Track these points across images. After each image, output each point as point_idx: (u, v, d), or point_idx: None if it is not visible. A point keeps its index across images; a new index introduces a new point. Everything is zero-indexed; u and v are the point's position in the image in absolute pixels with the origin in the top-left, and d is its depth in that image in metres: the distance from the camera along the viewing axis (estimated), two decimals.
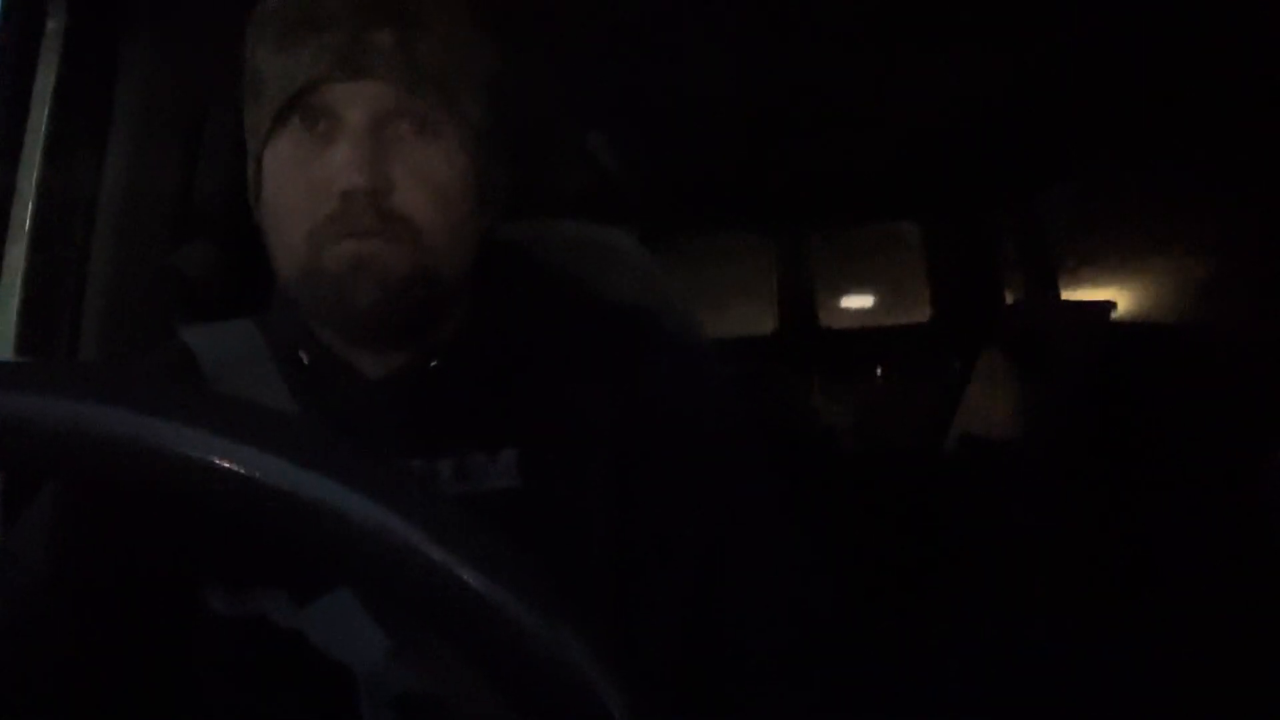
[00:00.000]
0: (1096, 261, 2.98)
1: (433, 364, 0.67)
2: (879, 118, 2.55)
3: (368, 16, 0.60)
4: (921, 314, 3.81)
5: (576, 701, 0.28)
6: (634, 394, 0.67)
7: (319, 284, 0.61)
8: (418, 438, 0.65)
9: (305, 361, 0.68)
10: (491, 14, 0.68)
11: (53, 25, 0.94)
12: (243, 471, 0.27)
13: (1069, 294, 3.10)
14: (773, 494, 0.70)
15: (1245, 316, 2.20)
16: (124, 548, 0.63)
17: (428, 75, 0.61)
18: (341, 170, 0.59)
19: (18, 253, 0.92)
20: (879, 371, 3.80)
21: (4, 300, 0.92)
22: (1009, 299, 3.32)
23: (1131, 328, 2.48)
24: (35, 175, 0.93)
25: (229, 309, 0.72)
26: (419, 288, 0.62)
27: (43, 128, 0.93)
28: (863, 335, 4.17)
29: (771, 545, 0.67)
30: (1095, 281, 2.92)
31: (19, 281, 0.92)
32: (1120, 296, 2.57)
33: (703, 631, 0.65)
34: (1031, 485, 2.78)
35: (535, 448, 0.66)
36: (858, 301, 4.36)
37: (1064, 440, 2.59)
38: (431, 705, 0.59)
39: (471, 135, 0.64)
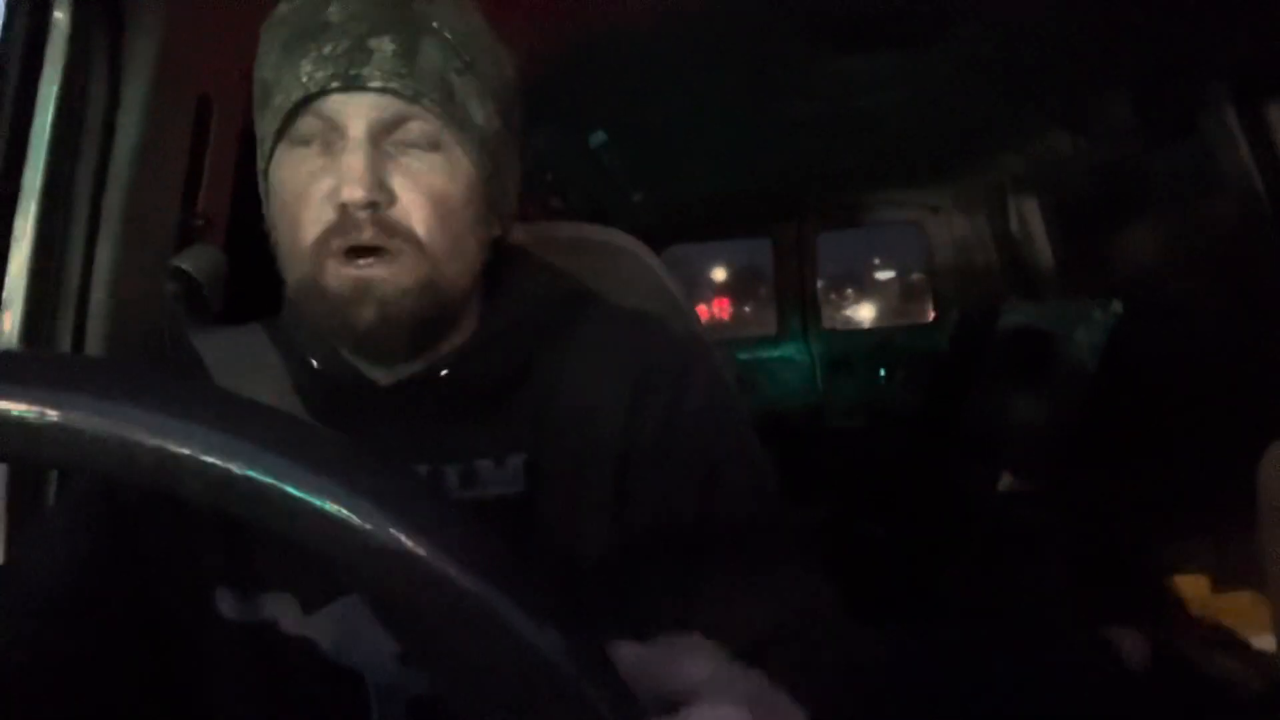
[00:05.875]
0: (1100, 260, 2.97)
1: (443, 373, 0.66)
2: (878, 117, 2.55)
3: (368, 26, 0.59)
4: (925, 313, 3.80)
5: (570, 706, 0.28)
6: (639, 399, 0.67)
7: (321, 303, 0.61)
8: (425, 443, 0.65)
9: (315, 367, 0.68)
10: (495, 20, 0.67)
11: (58, 25, 0.94)
12: (236, 471, 0.27)
13: (1073, 293, 3.10)
14: (776, 498, 0.69)
15: (1249, 315, 2.19)
16: (134, 553, 0.63)
17: (429, 85, 0.60)
18: (341, 182, 0.59)
19: (23, 253, 0.92)
20: (883, 371, 3.81)
21: (9, 301, 0.92)
22: (1014, 299, 3.31)
23: (1135, 326, 2.48)
24: (40, 176, 0.93)
25: (233, 312, 0.72)
26: (421, 305, 0.62)
27: (47, 128, 0.93)
28: (866, 335, 4.15)
29: (772, 551, 0.67)
30: (1099, 280, 2.92)
31: (24, 282, 0.92)
32: (1124, 295, 2.56)
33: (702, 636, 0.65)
34: (1035, 482, 2.78)
35: (542, 454, 0.65)
36: (861, 300, 4.37)
37: (1069, 437, 2.59)
38: (444, 709, 0.59)
39: (476, 144, 0.63)
